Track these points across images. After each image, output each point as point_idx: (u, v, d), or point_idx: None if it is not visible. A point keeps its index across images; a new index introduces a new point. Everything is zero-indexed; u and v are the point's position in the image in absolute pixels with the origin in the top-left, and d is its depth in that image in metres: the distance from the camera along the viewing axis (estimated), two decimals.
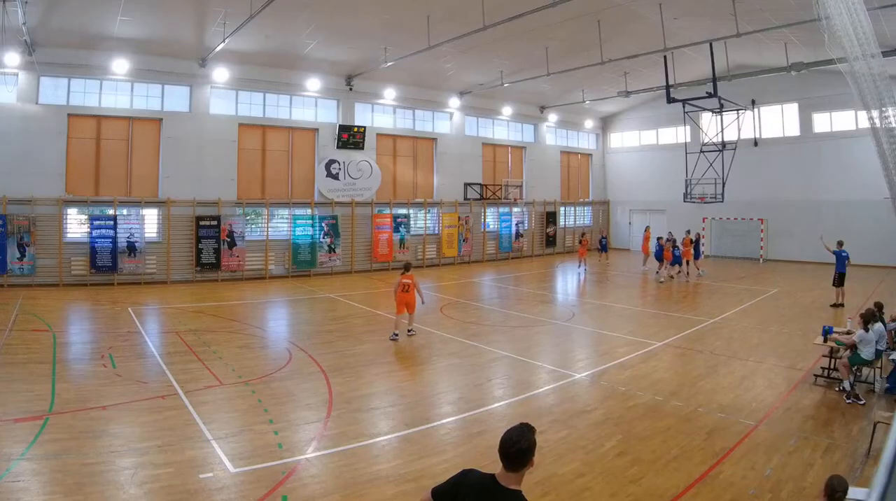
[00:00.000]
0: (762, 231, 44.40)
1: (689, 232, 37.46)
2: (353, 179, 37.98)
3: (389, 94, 39.61)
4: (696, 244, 36.92)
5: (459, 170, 43.73)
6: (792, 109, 43.32)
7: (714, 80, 30.94)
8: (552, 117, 50.56)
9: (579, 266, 38.82)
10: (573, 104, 47.09)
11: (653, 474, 10.20)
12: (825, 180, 41.29)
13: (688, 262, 35.39)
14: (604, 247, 45.22)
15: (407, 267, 20.70)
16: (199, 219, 32.25)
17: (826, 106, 40.87)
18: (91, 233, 29.80)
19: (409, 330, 20.09)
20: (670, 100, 32.66)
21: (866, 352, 14.18)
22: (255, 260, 34.06)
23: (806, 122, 42.76)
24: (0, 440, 10.84)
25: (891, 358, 14.64)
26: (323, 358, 17.08)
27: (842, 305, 25.61)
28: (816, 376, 15.68)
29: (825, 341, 15.58)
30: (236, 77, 33.76)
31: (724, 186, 35.95)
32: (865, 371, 15.35)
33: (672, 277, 34.31)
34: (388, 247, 38.99)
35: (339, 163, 37.48)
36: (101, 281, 29.79)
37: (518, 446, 4.76)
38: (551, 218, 50.09)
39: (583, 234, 39.82)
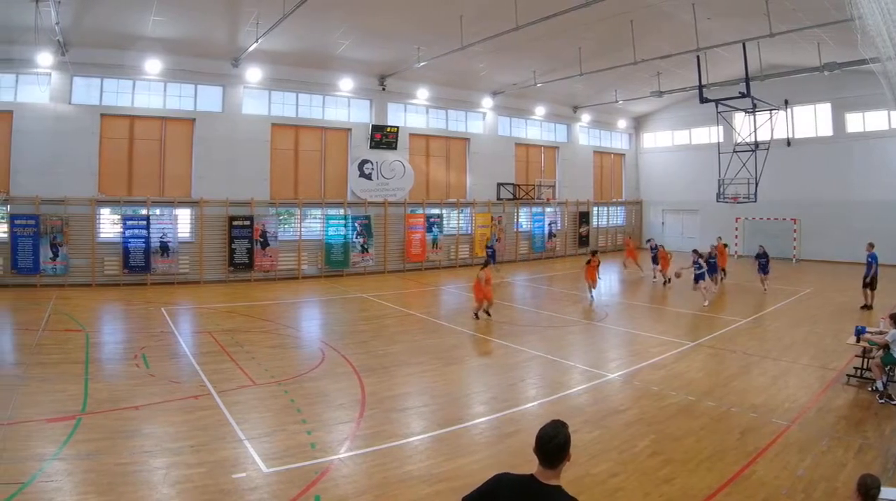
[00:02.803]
0: (795, 231, 44.09)
1: (720, 238, 35.67)
2: (385, 179, 38.00)
3: (422, 94, 39.57)
4: (709, 259, 29.64)
5: (492, 170, 43.60)
6: (825, 109, 42.95)
7: (747, 80, 30.73)
8: (585, 117, 50.39)
9: (589, 292, 28.77)
10: (606, 104, 46.87)
11: (686, 474, 10.15)
12: (858, 180, 41.00)
13: (723, 270, 33.34)
14: (492, 258, 37.56)
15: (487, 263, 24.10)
16: (231, 219, 32.35)
17: (859, 106, 40.52)
18: (124, 233, 29.93)
19: (488, 313, 23.03)
20: (703, 100, 32.41)
21: None
22: (287, 261, 34.09)
23: (839, 122, 42.39)
24: (33, 440, 10.86)
25: None
26: (356, 358, 17.03)
27: (870, 307, 25.26)
28: (849, 376, 15.54)
29: (858, 341, 15.35)
30: (269, 77, 33.80)
31: (756, 186, 35.64)
32: None
33: (669, 281, 32.43)
34: (421, 247, 39.03)
35: (371, 163, 37.51)
36: (134, 282, 29.86)
37: (555, 441, 4.82)
38: (584, 218, 49.98)
39: (594, 253, 30.67)
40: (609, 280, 34.40)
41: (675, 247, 48.87)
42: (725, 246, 34.32)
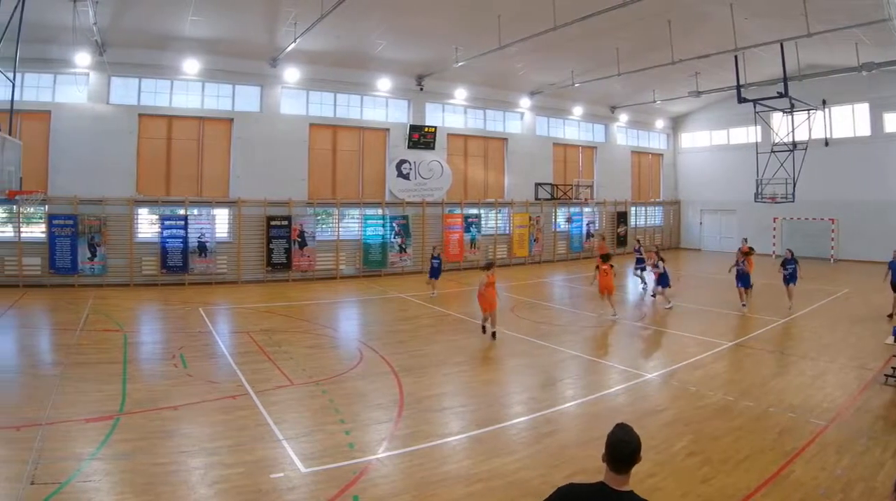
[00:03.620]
0: (833, 231, 43.78)
1: (745, 240, 33.07)
2: (423, 179, 38.06)
3: (460, 94, 39.56)
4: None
5: (530, 169, 43.51)
6: (863, 109, 42.63)
7: (785, 79, 30.51)
8: (623, 117, 50.25)
9: (613, 313, 23.95)
10: (644, 104, 46.69)
11: (723, 474, 10.06)
12: None
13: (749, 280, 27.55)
14: (434, 271, 29.54)
15: (487, 265, 20.97)
16: (269, 218, 32.46)
17: None
18: (162, 233, 30.13)
19: (490, 330, 20.18)
20: (741, 100, 32.31)
21: None
22: (325, 261, 34.16)
23: (877, 122, 42.06)
24: (71, 440, 10.89)
25: None
26: (394, 358, 16.97)
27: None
28: (887, 376, 15.30)
29: None
30: (307, 77, 33.89)
31: (794, 186, 35.52)
32: None
33: (663, 296, 27.46)
34: (459, 247, 39.03)
35: (409, 163, 37.58)
36: (172, 282, 29.98)
37: (631, 446, 4.78)
38: (622, 218, 49.80)
39: (608, 258, 25.22)
40: (647, 279, 34.26)
41: (714, 247, 48.84)
42: (751, 250, 28.79)
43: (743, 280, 25.76)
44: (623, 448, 4.76)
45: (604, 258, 24.36)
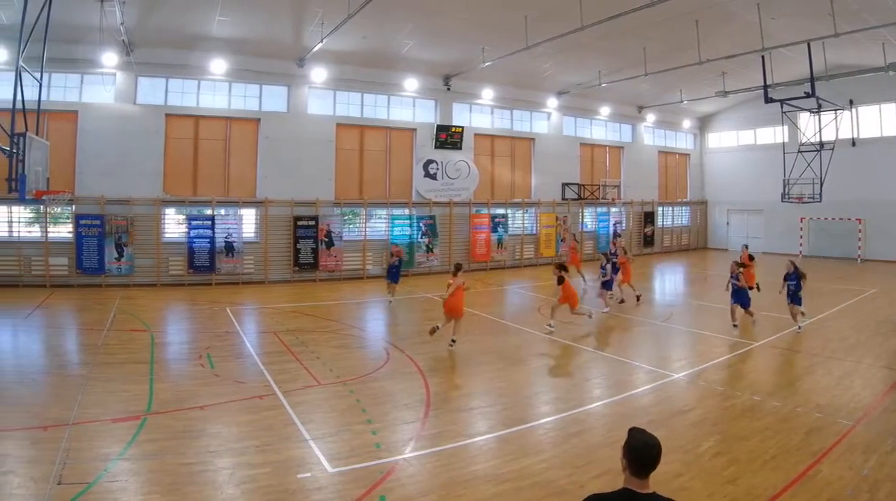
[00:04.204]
0: (860, 231, 43.49)
1: (746, 246, 30.69)
2: (450, 179, 38.02)
3: (487, 94, 39.49)
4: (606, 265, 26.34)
5: (557, 169, 43.42)
6: (890, 109, 42.27)
7: (812, 80, 30.54)
8: (650, 117, 50.08)
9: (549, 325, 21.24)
10: (671, 104, 46.51)
11: (750, 474, 10.00)
12: None
13: (756, 287, 26.28)
14: (393, 275, 27.09)
15: (457, 267, 19.84)
16: (296, 218, 32.51)
17: None
18: (189, 233, 30.25)
19: (452, 340, 18.58)
20: (768, 100, 32.32)
21: None
22: (352, 260, 34.23)
23: None
24: (98, 440, 10.91)
25: None
26: (420, 358, 16.93)
27: None
28: None
29: None
30: (334, 77, 33.94)
31: (821, 186, 35.65)
32: None
33: (639, 297, 27.09)
34: (486, 247, 38.96)
35: (436, 163, 37.58)
36: (199, 282, 30.05)
37: (657, 449, 4.89)
38: (649, 218, 49.68)
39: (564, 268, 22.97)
40: (673, 280, 34.14)
41: (739, 247, 48.55)
42: (752, 257, 27.02)
43: (739, 297, 21.30)
44: (650, 451, 4.84)
45: (560, 268, 21.45)
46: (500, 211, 40.40)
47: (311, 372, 15.70)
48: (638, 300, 26.50)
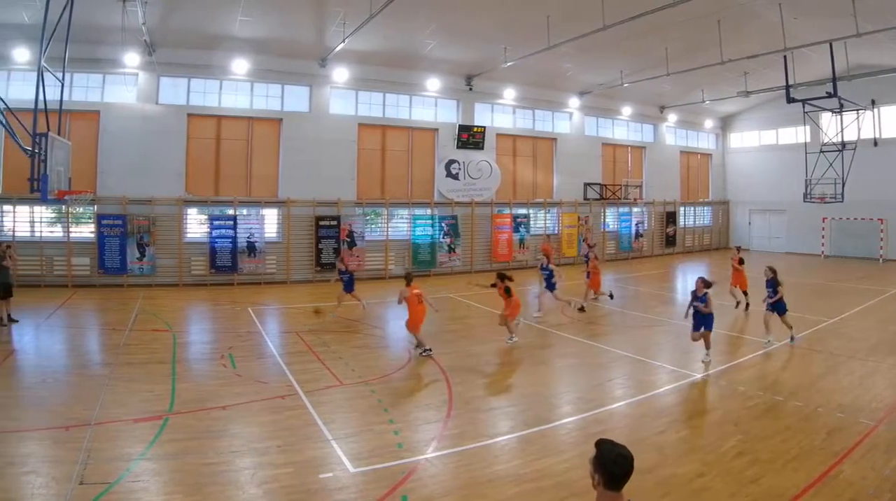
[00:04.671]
0: (882, 231, 43.24)
1: (739, 248, 28.85)
2: (472, 179, 37.98)
3: (509, 94, 39.44)
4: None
5: (579, 169, 43.35)
6: None
7: (834, 79, 30.56)
8: (672, 117, 49.94)
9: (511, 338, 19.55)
10: (693, 104, 46.39)
11: (772, 474, 10.03)
12: None
13: (745, 293, 25.33)
14: (346, 284, 24.03)
15: (407, 277, 18.78)
16: (318, 219, 32.56)
17: None
18: (211, 233, 30.34)
19: (423, 350, 17.61)
20: (790, 100, 32.36)
21: None
22: (374, 260, 34.24)
23: None
24: (120, 440, 10.96)
25: None
26: (442, 358, 16.90)
27: None
28: None
29: None
30: (356, 77, 33.97)
31: (843, 186, 35.64)
32: None
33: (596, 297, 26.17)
34: (508, 247, 38.90)
35: (458, 163, 37.55)
36: (221, 281, 30.09)
37: (631, 460, 4.83)
38: (671, 218, 49.51)
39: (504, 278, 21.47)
40: (694, 280, 33.94)
41: (762, 247, 48.43)
42: (742, 261, 25.61)
43: (704, 321, 17.01)
44: (624, 463, 4.75)
45: (503, 278, 19.72)
46: (522, 211, 40.32)
47: (333, 371, 15.73)
48: (593, 302, 25.38)
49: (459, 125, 37.62)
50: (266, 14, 27.14)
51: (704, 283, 16.99)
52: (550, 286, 23.37)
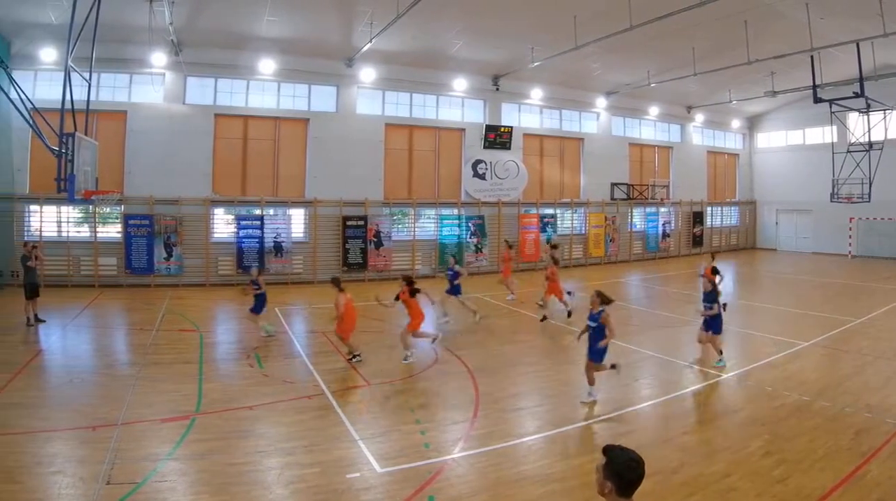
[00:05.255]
0: None
1: (713, 256, 26.09)
2: (499, 179, 37.91)
3: (536, 94, 39.39)
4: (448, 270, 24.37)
5: (606, 169, 43.29)
6: None
7: (861, 79, 30.46)
8: (699, 117, 49.82)
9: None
10: (720, 104, 46.21)
11: (799, 474, 10.03)
12: None
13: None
14: (256, 305, 20.29)
15: (336, 282, 18.04)
16: (345, 219, 32.59)
17: None
18: (238, 233, 30.42)
19: (353, 356, 16.92)
20: (817, 100, 32.21)
21: None
22: (401, 260, 34.19)
23: None
24: (147, 440, 11.04)
25: None
26: (469, 358, 16.91)
27: None
28: None
29: None
30: (383, 77, 34.01)
31: (870, 186, 35.40)
32: None
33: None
34: (535, 247, 38.85)
35: (485, 163, 37.49)
36: (247, 282, 30.11)
37: (643, 464, 4.79)
38: (698, 218, 49.42)
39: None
40: (723, 279, 33.87)
41: (789, 247, 48.22)
42: (716, 272, 22.74)
43: (592, 352, 14.01)
44: (637, 468, 4.70)
45: (407, 281, 18.57)
46: (549, 211, 40.31)
47: (360, 372, 15.75)
48: (544, 319, 22.37)
49: (486, 125, 37.58)
50: (293, 14, 27.16)
51: (601, 298, 14.05)
52: (454, 289, 22.95)
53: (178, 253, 29.11)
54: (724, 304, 17.92)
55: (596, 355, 13.68)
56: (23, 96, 18.00)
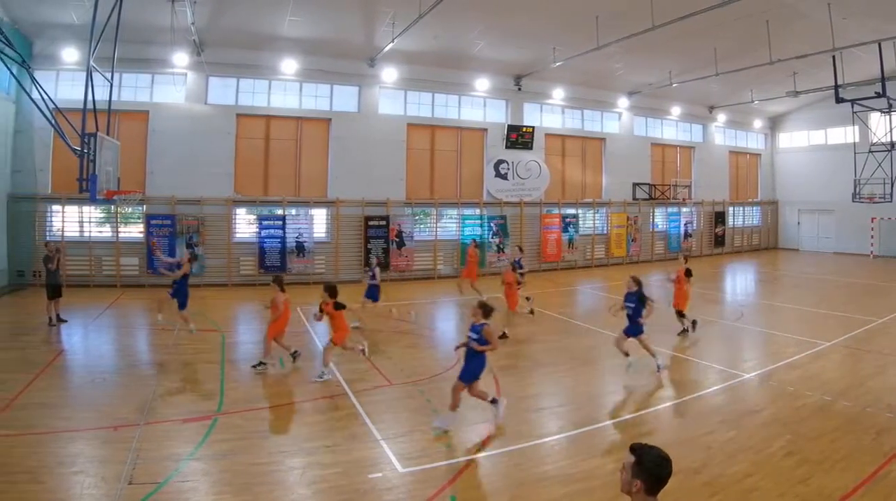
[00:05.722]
0: None
1: (686, 257, 23.53)
2: (521, 179, 37.86)
3: (558, 94, 39.32)
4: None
5: (628, 169, 43.24)
6: None
7: (883, 79, 30.52)
8: (721, 117, 49.66)
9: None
10: (742, 104, 46.10)
11: (821, 474, 9.97)
12: None
13: (682, 314, 20.71)
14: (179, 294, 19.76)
15: (279, 281, 17.29)
16: (367, 219, 32.64)
17: None
18: (260, 233, 30.51)
19: (260, 362, 15.85)
20: (839, 100, 32.38)
21: None
22: (423, 260, 34.24)
23: None
24: (169, 440, 11.05)
25: None
26: (492, 358, 16.67)
27: None
28: None
29: None
30: (405, 77, 34.03)
31: (892, 186, 35.59)
32: None
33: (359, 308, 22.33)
34: (557, 247, 38.84)
35: (507, 163, 37.43)
36: (269, 282, 30.14)
37: (671, 462, 4.82)
38: (720, 218, 49.25)
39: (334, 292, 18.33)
40: (744, 280, 33.76)
41: (811, 247, 48.08)
42: (688, 273, 21.13)
43: (466, 370, 12.75)
44: (667, 466, 4.76)
45: (329, 292, 16.05)
46: (571, 211, 40.24)
47: (382, 372, 15.76)
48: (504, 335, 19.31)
49: (508, 125, 37.53)
50: (315, 14, 27.20)
51: (483, 311, 12.47)
52: (371, 294, 21.95)
53: (200, 253, 29.18)
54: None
55: (466, 374, 12.23)
56: (45, 96, 18.04)
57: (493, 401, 12.31)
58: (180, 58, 28.15)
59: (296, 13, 26.56)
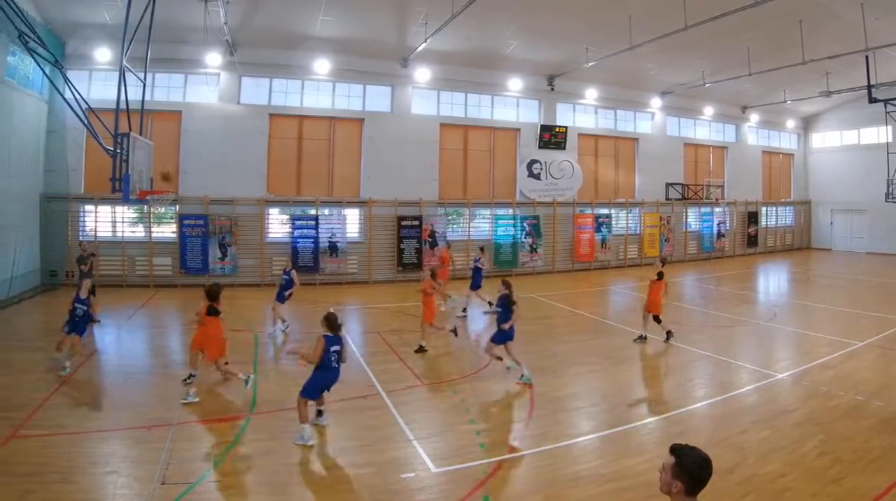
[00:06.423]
0: None
1: (663, 261, 21.35)
2: (554, 179, 37.76)
3: (591, 94, 39.21)
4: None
5: (661, 169, 42.96)
6: None
7: None
8: (754, 117, 49.35)
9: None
10: (774, 104, 45.84)
11: (854, 474, 9.94)
12: None
13: (657, 319, 19.35)
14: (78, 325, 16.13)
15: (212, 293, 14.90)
16: (400, 218, 32.61)
17: None
18: (292, 233, 30.53)
19: (190, 375, 14.43)
20: (872, 100, 32.47)
21: None
22: (456, 260, 33.26)
23: None
24: (202, 440, 11.16)
25: None
26: (525, 358, 16.55)
27: None
28: None
29: None
30: (437, 77, 34.01)
31: None
32: None
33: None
34: (590, 247, 38.71)
35: (540, 163, 37.32)
36: (303, 281, 29.49)
37: (712, 463, 4.81)
38: (753, 218, 48.89)
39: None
40: (777, 280, 33.51)
41: (844, 247, 47.79)
42: (661, 276, 19.42)
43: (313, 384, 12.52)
44: (708, 466, 4.75)
45: (212, 295, 14.98)
46: (604, 211, 40.11)
47: (415, 372, 15.77)
48: (456, 333, 19.24)
49: (541, 125, 37.42)
50: (347, 14, 27.25)
51: (328, 325, 12.84)
52: (280, 295, 20.78)
53: (233, 253, 29.30)
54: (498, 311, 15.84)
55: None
56: (77, 96, 18.12)
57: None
58: (213, 58, 28.27)
59: (328, 13, 26.60)
